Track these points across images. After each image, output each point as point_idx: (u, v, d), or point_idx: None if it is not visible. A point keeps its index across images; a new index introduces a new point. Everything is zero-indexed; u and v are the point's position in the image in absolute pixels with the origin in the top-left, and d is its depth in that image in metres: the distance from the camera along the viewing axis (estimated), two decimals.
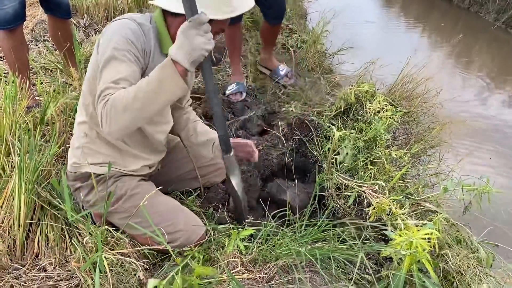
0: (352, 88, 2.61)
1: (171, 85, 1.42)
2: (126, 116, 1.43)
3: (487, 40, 5.95)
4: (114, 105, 1.42)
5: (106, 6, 4.47)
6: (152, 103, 1.44)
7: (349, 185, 2.00)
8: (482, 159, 3.31)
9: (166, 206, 1.81)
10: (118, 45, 1.51)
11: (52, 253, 1.75)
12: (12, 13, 2.50)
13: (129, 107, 1.41)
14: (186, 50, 1.39)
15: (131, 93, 1.41)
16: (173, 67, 1.41)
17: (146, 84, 1.42)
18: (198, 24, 1.38)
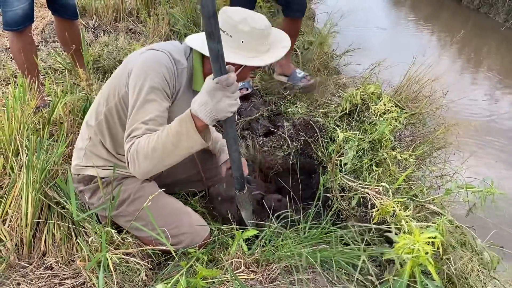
0: (358, 89, 2.61)
1: (188, 141, 1.44)
2: (147, 163, 1.47)
3: (496, 41, 5.90)
4: (137, 151, 1.47)
5: (115, 8, 4.51)
6: (170, 155, 1.47)
7: (353, 186, 2.00)
8: (488, 161, 3.29)
9: (169, 209, 1.81)
10: (154, 83, 1.53)
11: (59, 252, 1.77)
12: (21, 14, 2.53)
13: (149, 156, 1.45)
14: (210, 110, 1.38)
15: (151, 143, 1.44)
16: (192, 123, 1.41)
17: (166, 136, 1.44)
18: (226, 85, 1.35)
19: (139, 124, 1.50)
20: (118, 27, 4.38)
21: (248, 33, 1.57)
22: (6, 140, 2.01)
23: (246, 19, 1.57)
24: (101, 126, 1.73)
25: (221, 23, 1.55)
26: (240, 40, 1.59)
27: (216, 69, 1.33)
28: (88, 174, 1.79)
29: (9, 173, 1.93)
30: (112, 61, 3.46)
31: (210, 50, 1.29)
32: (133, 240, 1.79)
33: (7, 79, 3.17)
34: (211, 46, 1.27)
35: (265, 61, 1.64)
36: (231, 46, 1.58)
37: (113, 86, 1.69)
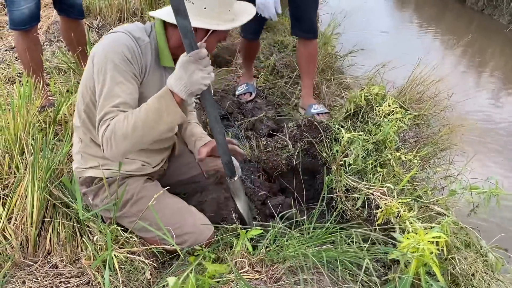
0: (362, 90, 2.61)
1: (169, 115, 1.46)
2: (126, 143, 1.47)
3: (501, 43, 5.89)
4: (114, 132, 1.46)
5: (119, 8, 4.52)
6: (151, 131, 1.48)
7: (358, 187, 2.00)
8: (493, 162, 3.28)
9: (173, 209, 1.80)
10: (117, 65, 1.52)
11: (64, 251, 1.78)
12: (28, 13, 2.55)
13: (128, 135, 1.45)
14: (185, 83, 1.42)
15: (130, 122, 1.44)
16: (171, 97, 1.44)
17: (145, 114, 1.45)
18: (198, 58, 1.40)
19: (109, 107, 1.49)
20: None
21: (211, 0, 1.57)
22: (11, 139, 2.02)
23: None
24: (86, 124, 1.72)
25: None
26: (203, 7, 1.57)
27: (187, 44, 1.38)
28: (89, 176, 1.79)
29: (14, 172, 1.94)
30: None
31: (179, 27, 1.34)
32: (138, 239, 1.80)
33: (12, 78, 3.18)
34: (179, 23, 1.33)
35: (230, 26, 1.62)
36: (194, 13, 1.53)
37: (84, 82, 1.66)
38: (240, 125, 2.90)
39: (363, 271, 1.56)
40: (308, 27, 2.97)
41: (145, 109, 1.46)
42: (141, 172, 1.84)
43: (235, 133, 2.80)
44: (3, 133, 2.04)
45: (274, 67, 3.71)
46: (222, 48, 3.89)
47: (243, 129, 2.87)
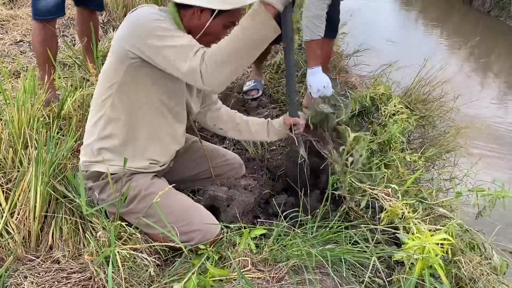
0: (368, 90, 2.60)
1: (266, 29, 1.46)
2: (227, 67, 1.47)
3: (507, 45, 5.86)
4: (213, 59, 1.45)
5: (125, 3, 4.51)
6: (251, 51, 1.50)
7: (362, 187, 1.98)
8: (498, 165, 3.26)
9: (180, 206, 1.80)
10: (165, 26, 1.51)
11: (66, 246, 1.77)
12: (53, 4, 2.54)
13: (230, 58, 1.46)
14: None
15: (228, 45, 1.46)
16: (266, 12, 1.45)
17: (242, 33, 1.46)
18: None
19: (196, 49, 1.49)
20: None
21: None
22: (15, 133, 2.02)
23: None
24: (115, 107, 1.69)
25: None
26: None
27: None
28: (96, 170, 1.78)
29: (18, 166, 1.94)
30: None
31: None
32: (141, 236, 1.79)
33: (17, 72, 3.18)
34: None
35: (233, 4, 1.57)
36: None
37: (110, 66, 1.66)
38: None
39: (369, 271, 1.55)
40: (333, 26, 2.95)
41: (240, 29, 1.46)
42: (148, 170, 1.83)
43: None
44: (7, 127, 2.03)
45: (279, 66, 3.69)
46: None
47: None
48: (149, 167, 1.83)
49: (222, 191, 2.04)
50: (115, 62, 1.64)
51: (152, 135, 1.79)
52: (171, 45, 1.50)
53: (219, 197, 1.99)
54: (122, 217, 1.81)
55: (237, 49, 1.46)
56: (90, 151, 1.79)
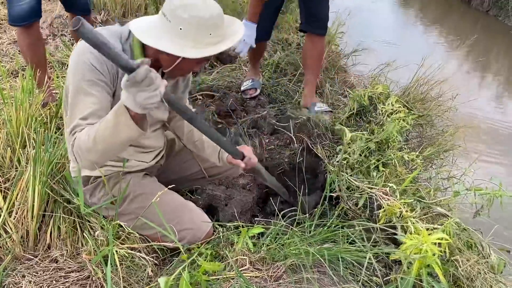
0: (366, 90, 2.60)
1: (126, 130, 1.39)
2: (91, 155, 1.46)
3: (505, 44, 5.87)
4: (80, 145, 1.45)
5: (123, 3, 4.51)
6: (112, 146, 1.44)
7: (360, 186, 1.99)
8: (496, 164, 3.27)
9: (171, 205, 1.79)
10: (83, 74, 1.47)
11: (64, 245, 1.77)
12: (28, 9, 2.50)
13: (91, 149, 1.43)
14: (131, 104, 1.32)
15: (91, 136, 1.42)
16: (126, 113, 1.36)
17: (104, 129, 1.41)
18: (135, 82, 1.26)
19: (78, 120, 1.47)
20: (126, 23, 4.38)
21: (187, 21, 1.41)
22: (13, 133, 2.02)
23: (186, 5, 1.41)
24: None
25: (164, 7, 1.45)
26: (178, 27, 1.42)
27: (122, 66, 1.25)
28: (85, 175, 1.77)
29: (16, 166, 1.94)
30: None
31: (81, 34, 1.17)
32: (139, 235, 1.79)
33: (15, 71, 3.18)
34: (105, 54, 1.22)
35: (201, 53, 1.44)
36: (169, 32, 1.43)
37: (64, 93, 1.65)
38: (242, 123, 2.89)
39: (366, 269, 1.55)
40: (322, 23, 2.91)
41: (104, 124, 1.41)
42: (137, 167, 1.83)
43: (238, 131, 2.79)
44: (6, 127, 2.03)
45: (278, 65, 3.69)
46: None
47: (245, 126, 2.86)
48: (138, 165, 1.83)
49: (220, 190, 2.04)
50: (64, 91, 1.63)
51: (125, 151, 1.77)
52: (71, 103, 1.51)
53: (217, 196, 2.00)
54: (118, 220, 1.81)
55: (99, 143, 1.42)
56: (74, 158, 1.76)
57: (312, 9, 2.89)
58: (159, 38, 1.41)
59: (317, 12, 2.87)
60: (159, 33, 1.43)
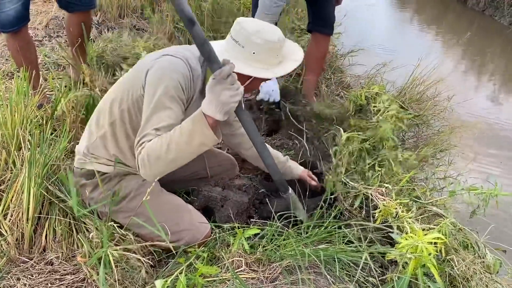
0: (362, 90, 2.60)
1: (201, 138, 1.46)
2: (159, 164, 1.49)
3: (501, 44, 5.88)
4: (148, 153, 1.47)
5: (119, 4, 4.50)
6: (184, 154, 1.50)
7: (356, 187, 1.99)
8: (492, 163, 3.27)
9: (170, 206, 1.81)
10: (170, 90, 1.55)
11: (59, 247, 1.77)
12: (14, 15, 2.47)
13: (162, 157, 1.47)
14: (215, 105, 1.41)
15: (164, 144, 1.46)
16: (204, 121, 1.44)
17: (179, 136, 1.46)
18: (221, 79, 1.39)
19: (151, 130, 1.52)
20: (122, 24, 4.38)
21: (260, 45, 1.60)
22: (8, 135, 2.01)
23: (259, 31, 1.59)
24: (114, 127, 1.72)
25: (235, 34, 1.62)
26: (252, 52, 1.60)
27: (210, 66, 1.42)
28: (92, 169, 1.78)
29: (11, 168, 1.93)
30: (116, 58, 3.45)
31: (194, 37, 1.36)
32: (134, 236, 1.78)
33: (11, 73, 3.17)
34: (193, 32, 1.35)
35: (274, 74, 1.66)
36: (243, 56, 1.61)
37: (126, 88, 1.69)
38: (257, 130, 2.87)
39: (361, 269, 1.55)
40: (329, 22, 2.94)
41: (179, 131, 1.47)
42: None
43: None
44: (1, 128, 2.02)
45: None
46: None
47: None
48: None
49: (216, 191, 2.04)
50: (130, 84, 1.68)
51: None
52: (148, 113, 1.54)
53: (213, 198, 1.99)
54: (112, 218, 1.80)
55: (168, 149, 1.46)
56: (86, 150, 1.79)
57: (317, 9, 2.92)
58: (235, 62, 1.49)
59: (323, 13, 2.90)
60: (234, 57, 1.56)
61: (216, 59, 1.41)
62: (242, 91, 1.46)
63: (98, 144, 1.77)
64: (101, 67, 3.35)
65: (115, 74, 3.24)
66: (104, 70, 3.31)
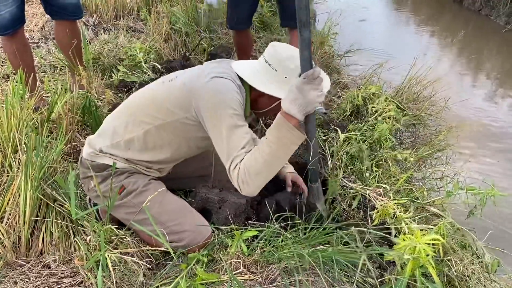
0: (359, 90, 2.60)
1: (290, 139, 1.54)
2: (260, 178, 1.57)
3: (497, 44, 5.90)
4: (247, 173, 1.55)
5: (115, 5, 4.50)
6: (280, 160, 1.59)
7: (354, 187, 1.99)
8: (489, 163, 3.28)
9: (174, 206, 1.82)
10: (235, 110, 1.60)
11: (56, 250, 1.76)
12: (9, 18, 2.46)
13: (262, 171, 1.55)
14: (300, 104, 1.50)
15: (258, 159, 1.54)
16: (287, 124, 1.52)
17: (269, 147, 1.54)
18: (312, 79, 1.47)
19: (238, 151, 1.58)
20: (118, 25, 4.37)
21: (293, 70, 1.64)
22: (5, 137, 2.00)
23: (293, 56, 1.62)
24: (147, 135, 1.74)
25: (269, 57, 1.69)
26: (284, 76, 1.66)
27: (303, 62, 1.49)
28: (104, 163, 1.78)
29: (7, 171, 1.92)
30: (112, 59, 3.45)
31: (302, 40, 1.43)
32: (132, 239, 1.78)
33: (7, 75, 3.15)
34: (304, 35, 1.42)
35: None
36: (275, 79, 1.68)
37: (168, 109, 1.70)
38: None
39: (360, 270, 1.55)
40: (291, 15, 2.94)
41: (268, 143, 1.55)
42: (150, 174, 1.86)
43: None
44: None
45: None
46: (219, 46, 3.87)
47: None
48: (150, 172, 1.86)
49: (214, 193, 2.02)
50: (177, 105, 1.69)
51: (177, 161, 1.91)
52: (225, 136, 1.59)
53: (211, 199, 1.98)
54: (112, 214, 1.80)
55: (266, 161, 1.54)
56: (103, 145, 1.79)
57: (286, 6, 2.94)
58: (268, 84, 1.67)
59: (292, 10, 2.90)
60: (266, 79, 1.68)
61: (311, 59, 1.48)
62: (325, 93, 1.54)
63: (121, 146, 1.78)
64: (98, 69, 3.35)
65: (111, 76, 3.24)
66: (101, 72, 3.32)
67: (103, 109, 2.75)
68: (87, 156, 1.82)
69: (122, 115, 1.84)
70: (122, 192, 1.77)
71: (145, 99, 1.81)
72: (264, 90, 1.67)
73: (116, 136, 1.79)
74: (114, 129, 1.81)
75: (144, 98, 1.82)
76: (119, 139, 1.78)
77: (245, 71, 1.73)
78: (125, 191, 1.77)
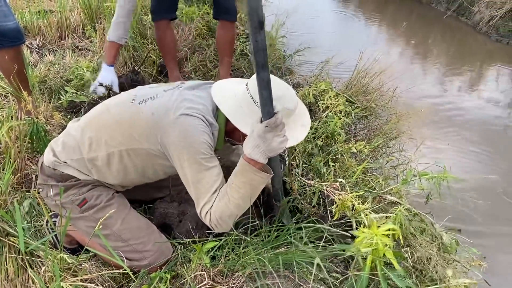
0: (310, 88, 2.63)
1: (257, 182, 1.56)
2: (233, 218, 1.60)
3: (441, 30, 6.12)
4: (220, 216, 1.58)
5: (59, 25, 4.36)
6: (250, 199, 1.60)
7: (312, 184, 2.00)
8: (441, 146, 3.39)
9: (137, 224, 1.78)
10: (204, 152, 1.58)
11: (13, 287, 1.68)
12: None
13: (233, 212, 1.58)
14: (263, 151, 1.50)
15: (229, 204, 1.57)
16: (252, 169, 1.54)
17: (237, 192, 1.56)
18: (275, 126, 1.46)
19: (208, 197, 1.59)
20: (63, 45, 4.25)
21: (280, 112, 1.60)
22: None
23: (280, 98, 1.55)
24: (111, 158, 1.68)
25: (254, 92, 1.56)
26: None
27: (265, 112, 1.46)
28: (67, 173, 1.71)
29: None
30: (60, 80, 3.35)
31: (261, 80, 1.37)
32: (91, 263, 1.72)
33: None
34: (262, 75, 1.36)
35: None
36: (258, 117, 1.56)
37: (132, 136, 1.64)
38: None
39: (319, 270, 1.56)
40: (232, 10, 3.06)
41: (235, 188, 1.56)
42: (114, 187, 1.82)
43: None
44: None
45: None
46: None
47: None
48: (115, 187, 1.82)
49: (173, 207, 2.00)
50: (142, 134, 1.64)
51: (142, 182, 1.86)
52: (192, 182, 1.60)
53: (170, 214, 1.95)
54: (71, 224, 1.76)
55: (237, 205, 1.57)
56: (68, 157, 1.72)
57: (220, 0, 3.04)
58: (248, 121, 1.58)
59: (226, 3, 3.03)
60: (250, 118, 1.58)
61: (271, 102, 1.44)
62: (287, 137, 1.53)
63: (84, 162, 1.71)
64: (45, 92, 3.25)
65: (60, 98, 3.14)
66: (48, 95, 3.22)
67: (53, 133, 2.66)
68: (49, 163, 1.73)
69: (87, 129, 1.73)
70: (83, 205, 1.72)
71: (111, 118, 1.70)
72: (246, 131, 1.59)
73: (79, 152, 1.72)
74: (77, 144, 1.73)
75: (110, 116, 1.71)
76: (83, 155, 1.71)
77: (226, 103, 1.65)
78: (87, 204, 1.72)
